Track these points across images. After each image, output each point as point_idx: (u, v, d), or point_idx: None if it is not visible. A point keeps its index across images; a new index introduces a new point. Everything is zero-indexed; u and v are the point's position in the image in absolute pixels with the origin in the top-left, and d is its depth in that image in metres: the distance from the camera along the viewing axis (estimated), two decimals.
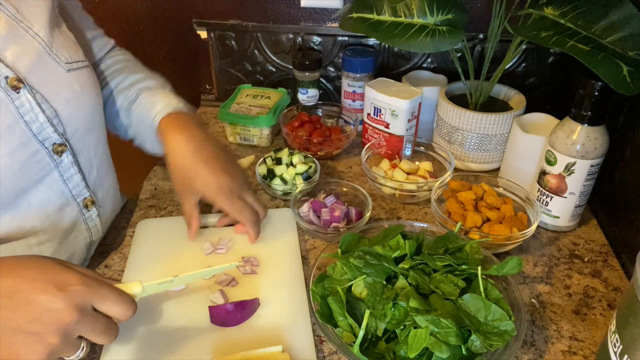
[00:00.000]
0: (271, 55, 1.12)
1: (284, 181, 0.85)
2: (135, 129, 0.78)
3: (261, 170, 0.88)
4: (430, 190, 0.83)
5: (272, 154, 0.90)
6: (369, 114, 0.97)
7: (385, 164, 0.91)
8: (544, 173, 0.77)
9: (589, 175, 0.74)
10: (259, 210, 0.74)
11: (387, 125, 0.95)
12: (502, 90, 0.96)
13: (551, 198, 0.78)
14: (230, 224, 0.78)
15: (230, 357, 0.58)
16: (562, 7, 0.75)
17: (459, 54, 1.00)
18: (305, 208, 0.80)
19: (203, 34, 1.13)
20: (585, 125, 0.71)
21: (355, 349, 0.56)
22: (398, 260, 0.64)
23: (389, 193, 0.88)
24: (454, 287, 0.59)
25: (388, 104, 0.92)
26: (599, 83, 0.68)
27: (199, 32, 1.13)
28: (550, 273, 0.74)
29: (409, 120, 0.93)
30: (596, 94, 0.69)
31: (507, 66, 0.99)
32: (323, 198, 0.83)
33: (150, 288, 0.56)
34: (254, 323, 0.63)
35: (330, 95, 1.16)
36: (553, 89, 1.06)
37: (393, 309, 0.57)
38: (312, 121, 1.01)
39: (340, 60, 1.07)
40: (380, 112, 0.95)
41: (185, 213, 0.74)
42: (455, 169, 0.90)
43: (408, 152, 0.94)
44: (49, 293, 0.45)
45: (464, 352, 0.55)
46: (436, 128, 0.97)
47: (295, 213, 0.79)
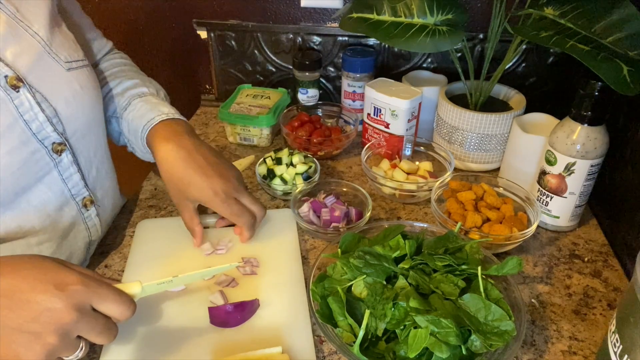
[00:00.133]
0: (271, 55, 1.12)
1: (284, 181, 0.85)
2: (127, 137, 0.77)
3: (261, 170, 0.88)
4: (430, 190, 0.83)
5: (272, 154, 0.90)
6: (369, 114, 0.97)
7: (385, 164, 0.91)
8: (544, 173, 0.77)
9: (589, 175, 0.74)
10: (256, 210, 0.73)
11: (387, 125, 0.95)
12: (502, 90, 0.96)
13: (551, 198, 0.78)
14: (230, 225, 0.78)
15: (230, 358, 0.58)
16: (562, 7, 0.75)
17: (459, 54, 1.00)
18: (305, 208, 0.80)
19: (203, 34, 1.13)
20: (585, 125, 0.71)
21: (355, 349, 0.56)
22: (398, 260, 0.64)
23: (389, 193, 0.88)
24: (454, 287, 0.59)
25: (388, 104, 0.92)
26: (599, 83, 0.68)
27: (199, 32, 1.13)
28: (550, 273, 0.74)
29: (409, 120, 0.93)
30: (596, 94, 0.69)
31: (507, 66, 0.99)
32: (323, 198, 0.83)
33: (149, 288, 0.56)
34: (254, 324, 0.63)
35: (330, 95, 1.16)
36: (553, 89, 1.06)
37: (393, 309, 0.57)
38: (312, 121, 1.01)
39: (340, 60, 1.07)
40: (380, 112, 0.95)
41: (185, 221, 0.74)
42: (455, 169, 0.90)
43: (408, 152, 0.94)
44: (48, 293, 0.45)
45: (464, 352, 0.55)
46: (436, 128, 0.97)
47: (295, 213, 0.79)
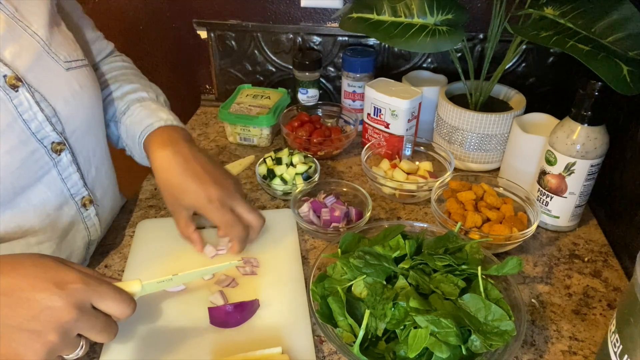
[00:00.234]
0: (271, 55, 1.12)
1: (284, 181, 0.85)
2: (125, 141, 0.77)
3: (261, 170, 0.88)
4: (430, 190, 0.83)
5: (272, 154, 0.90)
6: (369, 114, 0.97)
7: (385, 164, 0.91)
8: (544, 173, 0.77)
9: (589, 175, 0.74)
10: (253, 219, 0.71)
11: (387, 125, 0.95)
12: (502, 90, 0.96)
13: (551, 198, 0.78)
14: None
15: (230, 358, 0.58)
16: (562, 7, 0.75)
17: (459, 54, 1.00)
18: (305, 208, 0.80)
19: (203, 34, 1.13)
20: (585, 125, 0.71)
21: (355, 349, 0.56)
22: (398, 260, 0.64)
23: (389, 193, 0.88)
24: (454, 287, 0.59)
25: (388, 104, 0.92)
26: (599, 83, 0.68)
27: (199, 32, 1.13)
28: (550, 273, 0.74)
29: (409, 120, 0.93)
30: (596, 94, 0.69)
31: (507, 66, 0.99)
32: (323, 198, 0.83)
33: (149, 287, 0.56)
34: (254, 324, 0.63)
35: (330, 95, 1.16)
36: (553, 89, 1.06)
37: (393, 309, 0.57)
38: (312, 121, 1.01)
39: (340, 60, 1.07)
40: (380, 112, 0.94)
41: (180, 229, 0.72)
42: (455, 169, 0.90)
43: (408, 152, 0.94)
44: (48, 291, 0.45)
45: (464, 352, 0.55)
46: (436, 128, 0.97)
47: (295, 213, 0.79)
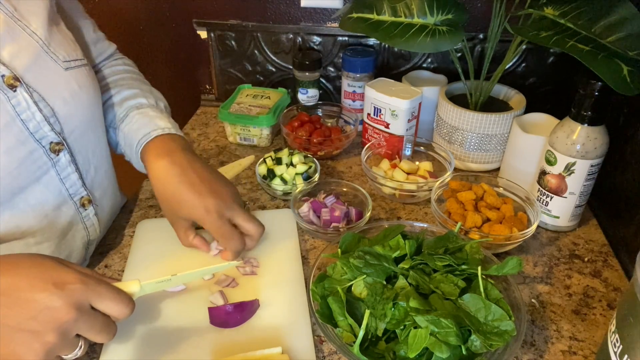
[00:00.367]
0: (271, 55, 1.12)
1: (284, 181, 0.85)
2: (123, 148, 0.76)
3: (261, 170, 0.88)
4: (430, 190, 0.83)
5: (272, 154, 0.90)
6: (369, 114, 0.97)
7: (385, 164, 0.91)
8: (544, 173, 0.77)
9: (589, 175, 0.74)
10: (252, 229, 0.69)
11: (387, 125, 0.94)
12: (502, 90, 0.96)
13: (551, 198, 0.78)
14: None
15: (230, 359, 0.58)
16: (562, 7, 0.75)
17: (459, 54, 1.00)
18: (305, 208, 0.80)
19: (203, 34, 1.13)
20: (585, 125, 0.71)
21: (355, 349, 0.56)
22: (398, 260, 0.64)
23: (389, 193, 0.88)
24: (454, 287, 0.59)
25: (388, 104, 0.92)
26: (599, 83, 0.68)
27: (199, 32, 1.13)
28: (550, 273, 0.74)
29: (409, 120, 0.93)
30: (596, 94, 0.69)
31: (507, 66, 0.99)
32: (323, 198, 0.83)
33: (148, 287, 0.56)
34: (254, 324, 0.63)
35: (330, 95, 1.16)
36: (553, 89, 1.06)
37: (393, 309, 0.57)
38: (312, 121, 1.01)
39: (340, 60, 1.07)
40: (380, 112, 0.94)
41: (180, 239, 0.72)
42: (455, 169, 0.90)
43: (408, 152, 0.94)
44: (47, 291, 0.45)
45: (464, 352, 0.55)
46: (436, 128, 0.97)
47: (295, 213, 0.78)
